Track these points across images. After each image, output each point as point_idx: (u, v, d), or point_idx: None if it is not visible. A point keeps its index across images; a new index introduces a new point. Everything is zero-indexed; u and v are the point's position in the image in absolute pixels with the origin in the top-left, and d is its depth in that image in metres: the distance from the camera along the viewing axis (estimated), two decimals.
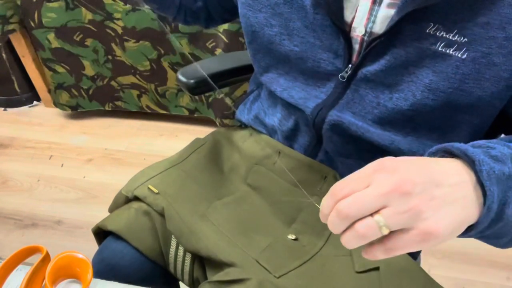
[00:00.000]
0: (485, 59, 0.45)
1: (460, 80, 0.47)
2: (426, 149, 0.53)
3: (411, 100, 0.50)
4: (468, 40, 0.45)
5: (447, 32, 0.46)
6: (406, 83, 0.50)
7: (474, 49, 0.45)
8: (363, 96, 0.54)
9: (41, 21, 1.55)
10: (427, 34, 0.47)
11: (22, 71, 1.82)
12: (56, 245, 1.33)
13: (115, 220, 0.62)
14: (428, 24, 0.46)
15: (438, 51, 0.47)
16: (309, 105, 0.58)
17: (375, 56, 0.51)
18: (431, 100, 0.49)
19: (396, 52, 0.49)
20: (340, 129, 0.56)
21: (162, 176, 0.66)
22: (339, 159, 0.62)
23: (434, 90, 0.48)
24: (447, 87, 0.48)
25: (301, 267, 0.54)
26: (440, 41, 0.46)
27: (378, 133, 0.54)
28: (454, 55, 0.46)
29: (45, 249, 0.48)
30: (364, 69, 0.52)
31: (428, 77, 0.48)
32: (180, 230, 0.59)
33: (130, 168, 1.64)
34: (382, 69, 0.51)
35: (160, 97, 1.73)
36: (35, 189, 1.55)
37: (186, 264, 0.61)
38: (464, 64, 0.46)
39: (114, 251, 0.61)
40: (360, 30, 0.51)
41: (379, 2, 0.49)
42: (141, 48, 1.57)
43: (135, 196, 0.63)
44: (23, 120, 1.87)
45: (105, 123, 1.85)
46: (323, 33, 0.53)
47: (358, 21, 0.51)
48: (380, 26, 0.50)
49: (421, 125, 0.53)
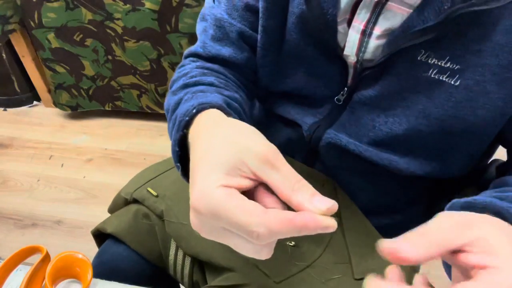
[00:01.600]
0: (478, 87, 0.44)
1: (453, 107, 0.46)
2: (424, 169, 0.53)
3: (406, 125, 0.50)
4: (461, 67, 0.44)
5: (439, 59, 0.45)
6: (401, 108, 0.50)
7: (467, 77, 0.45)
8: (359, 118, 0.54)
9: (41, 21, 1.55)
10: (419, 62, 0.46)
11: (22, 71, 1.82)
12: (56, 245, 1.33)
13: (114, 222, 0.62)
14: (420, 52, 0.46)
15: (431, 78, 0.46)
16: (306, 121, 0.58)
17: (369, 81, 0.51)
18: (425, 126, 0.49)
19: (390, 79, 0.49)
20: (337, 147, 0.56)
21: (161, 178, 0.65)
22: (337, 170, 0.62)
23: (427, 116, 0.48)
24: (440, 113, 0.47)
25: (300, 273, 0.54)
26: (433, 68, 0.46)
27: (377, 152, 0.54)
28: (447, 82, 0.46)
29: (45, 249, 0.48)
30: (359, 93, 0.52)
31: (422, 103, 0.48)
32: (180, 234, 0.58)
33: (130, 168, 1.64)
34: (377, 94, 0.50)
35: (160, 97, 1.73)
36: (35, 189, 1.55)
37: (186, 267, 0.60)
38: (457, 91, 0.45)
39: (113, 254, 0.61)
40: (352, 58, 0.51)
41: (368, 34, 0.48)
42: (141, 48, 1.57)
43: (134, 198, 0.63)
44: (23, 120, 1.87)
45: (105, 123, 1.85)
46: (317, 61, 0.54)
47: (348, 50, 0.50)
48: (372, 55, 0.49)
49: (418, 148, 0.52)
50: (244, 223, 0.29)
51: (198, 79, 0.51)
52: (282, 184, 0.30)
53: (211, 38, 0.57)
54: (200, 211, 0.31)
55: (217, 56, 0.57)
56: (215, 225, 0.31)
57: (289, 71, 0.57)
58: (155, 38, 1.54)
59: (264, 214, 0.29)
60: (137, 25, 1.50)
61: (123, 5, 1.46)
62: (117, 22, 1.51)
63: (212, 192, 0.30)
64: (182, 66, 0.58)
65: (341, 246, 0.57)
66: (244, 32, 0.56)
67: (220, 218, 0.30)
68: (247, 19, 0.56)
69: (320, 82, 0.55)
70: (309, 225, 0.28)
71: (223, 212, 0.29)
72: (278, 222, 0.28)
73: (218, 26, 0.56)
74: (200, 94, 0.45)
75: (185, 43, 1.54)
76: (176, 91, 0.51)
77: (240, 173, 0.31)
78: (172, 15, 1.48)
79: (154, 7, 1.45)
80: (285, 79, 0.58)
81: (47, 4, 1.50)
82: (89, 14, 1.52)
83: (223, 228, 0.31)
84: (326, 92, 0.55)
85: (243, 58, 0.57)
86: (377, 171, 0.55)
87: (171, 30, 1.52)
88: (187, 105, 0.43)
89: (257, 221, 0.28)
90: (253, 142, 0.32)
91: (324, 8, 0.47)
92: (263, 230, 0.28)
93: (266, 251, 0.32)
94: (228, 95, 0.49)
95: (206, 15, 0.59)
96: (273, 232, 0.29)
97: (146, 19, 1.48)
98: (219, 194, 0.30)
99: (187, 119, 0.40)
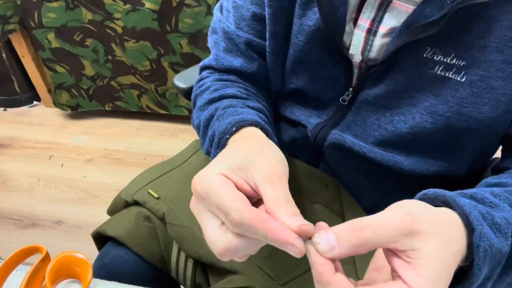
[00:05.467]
0: (483, 83, 0.44)
1: (458, 104, 0.46)
2: (429, 168, 0.53)
3: (411, 123, 0.50)
4: (467, 63, 0.44)
5: (444, 56, 0.45)
6: (407, 106, 0.50)
7: (472, 73, 0.44)
8: (364, 118, 0.54)
9: (41, 21, 1.55)
10: (425, 59, 0.46)
11: (22, 71, 1.82)
12: (56, 245, 1.33)
13: (115, 225, 0.62)
14: (425, 49, 0.46)
15: (437, 74, 0.46)
16: (311, 122, 0.58)
17: (374, 80, 0.51)
18: (429, 124, 0.48)
19: (395, 77, 0.49)
20: (342, 147, 0.56)
21: (161, 179, 0.65)
22: (341, 171, 0.61)
23: (432, 113, 0.48)
24: (445, 110, 0.47)
25: (304, 275, 0.54)
26: (438, 65, 0.46)
27: (382, 153, 0.54)
28: (454, 79, 0.46)
29: (45, 249, 0.48)
30: (364, 92, 0.52)
31: (428, 100, 0.48)
32: (182, 236, 0.58)
33: (130, 168, 1.63)
34: (382, 93, 0.50)
35: (160, 97, 1.73)
36: (35, 189, 1.55)
37: (188, 270, 0.60)
38: (463, 88, 0.45)
39: (115, 257, 0.61)
40: (357, 57, 0.51)
41: (374, 32, 0.48)
42: (141, 48, 1.57)
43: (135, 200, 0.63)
44: (23, 120, 1.87)
45: (105, 123, 1.85)
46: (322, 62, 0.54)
47: (354, 49, 0.50)
48: (377, 54, 0.49)
49: (423, 146, 0.52)
50: (227, 206, 0.31)
51: (221, 92, 0.54)
52: (272, 200, 0.32)
53: (223, 50, 0.59)
54: (196, 189, 0.33)
55: (230, 68, 0.59)
56: (204, 204, 0.33)
57: (295, 73, 0.57)
58: (155, 38, 1.54)
59: (245, 206, 0.31)
60: (137, 25, 1.50)
61: (123, 5, 1.46)
62: (117, 22, 1.51)
63: (211, 176, 0.33)
64: (201, 79, 0.61)
65: None
66: (251, 42, 0.57)
67: (209, 198, 0.32)
68: (254, 28, 0.57)
69: (325, 84, 0.55)
70: (276, 233, 0.30)
71: (213, 193, 0.32)
72: (252, 216, 0.30)
73: (228, 38, 0.58)
74: (231, 110, 0.49)
75: (185, 43, 1.54)
76: (203, 107, 0.54)
77: (242, 176, 0.34)
78: (172, 15, 1.48)
79: (154, 7, 1.45)
80: (291, 81, 0.58)
81: (47, 4, 1.50)
82: (89, 14, 1.52)
83: (209, 210, 0.33)
84: (331, 93, 0.55)
85: (254, 67, 0.59)
86: (382, 171, 0.55)
87: (171, 30, 1.51)
88: (224, 122, 0.46)
89: (238, 207, 0.31)
90: (266, 159, 0.35)
91: (335, 6, 0.47)
92: (237, 217, 0.30)
93: (228, 254, 0.33)
94: (254, 106, 0.53)
95: (216, 28, 0.61)
96: (245, 224, 0.30)
97: (146, 19, 1.48)
98: (216, 179, 0.33)
99: (227, 137, 0.45)
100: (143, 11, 1.46)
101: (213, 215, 0.33)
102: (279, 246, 0.30)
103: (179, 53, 1.58)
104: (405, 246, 0.29)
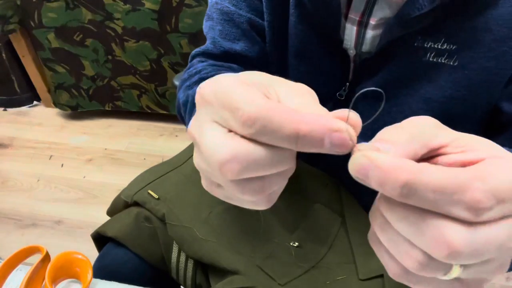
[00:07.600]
0: (475, 64, 0.44)
1: (452, 88, 0.46)
2: None
3: (407, 112, 0.50)
4: (458, 47, 0.44)
5: (434, 42, 0.45)
6: (404, 95, 0.50)
7: (464, 55, 0.45)
8: (362, 112, 0.54)
9: (41, 21, 1.55)
10: (416, 47, 0.46)
11: (22, 71, 1.82)
12: (56, 245, 1.33)
13: (115, 226, 0.62)
14: (416, 38, 0.46)
15: (430, 61, 0.46)
16: None
17: (369, 73, 0.51)
18: (425, 111, 0.48)
19: (390, 68, 0.49)
20: None
21: (161, 180, 0.65)
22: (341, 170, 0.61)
23: (427, 100, 0.48)
24: (440, 96, 0.47)
25: (305, 275, 0.54)
26: (430, 52, 0.46)
27: None
28: (446, 64, 0.46)
29: (45, 249, 0.48)
30: (361, 86, 0.52)
31: (424, 88, 0.48)
32: (182, 237, 0.58)
33: (130, 168, 1.63)
34: (378, 86, 0.50)
35: (160, 97, 1.73)
36: (35, 189, 1.55)
37: (189, 270, 0.60)
38: (455, 71, 0.46)
39: (115, 257, 0.61)
40: (351, 51, 0.51)
41: (364, 25, 0.48)
42: (141, 48, 1.57)
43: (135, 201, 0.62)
44: (23, 120, 1.87)
45: (105, 123, 1.85)
46: (319, 56, 0.54)
47: (347, 43, 0.51)
48: (370, 46, 0.49)
49: None
50: (237, 99, 0.23)
51: (214, 74, 0.48)
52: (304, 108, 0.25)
53: (220, 35, 0.56)
54: (202, 93, 0.25)
55: (230, 51, 0.55)
56: (207, 112, 0.25)
57: (292, 68, 0.57)
58: (155, 38, 1.54)
59: (261, 97, 0.23)
60: (137, 25, 1.50)
61: (123, 5, 1.46)
62: (117, 22, 1.51)
63: (224, 79, 0.25)
64: (191, 66, 0.57)
65: (345, 246, 0.57)
66: (254, 21, 0.55)
67: (216, 98, 0.24)
68: (254, 8, 0.55)
69: (322, 79, 0.55)
70: (311, 123, 0.23)
71: (221, 91, 0.24)
72: (272, 107, 0.22)
73: (227, 20, 0.55)
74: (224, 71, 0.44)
75: (185, 43, 1.54)
76: (192, 86, 0.50)
77: (262, 89, 0.25)
78: (172, 15, 1.48)
79: (154, 7, 1.45)
80: (288, 75, 0.57)
81: (47, 4, 1.50)
82: (89, 14, 1.52)
83: (213, 120, 0.25)
84: (329, 88, 0.55)
85: (256, 51, 0.56)
86: None
87: (171, 30, 1.52)
88: None
89: (251, 98, 0.22)
90: (288, 81, 0.27)
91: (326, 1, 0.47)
92: (251, 110, 0.22)
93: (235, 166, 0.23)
94: None
95: (211, 14, 0.58)
96: (261, 118, 0.22)
97: (146, 19, 1.48)
98: (230, 79, 0.25)
99: None
100: (143, 11, 1.46)
101: (217, 124, 0.24)
102: (317, 146, 0.24)
103: (179, 53, 1.58)
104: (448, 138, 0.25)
